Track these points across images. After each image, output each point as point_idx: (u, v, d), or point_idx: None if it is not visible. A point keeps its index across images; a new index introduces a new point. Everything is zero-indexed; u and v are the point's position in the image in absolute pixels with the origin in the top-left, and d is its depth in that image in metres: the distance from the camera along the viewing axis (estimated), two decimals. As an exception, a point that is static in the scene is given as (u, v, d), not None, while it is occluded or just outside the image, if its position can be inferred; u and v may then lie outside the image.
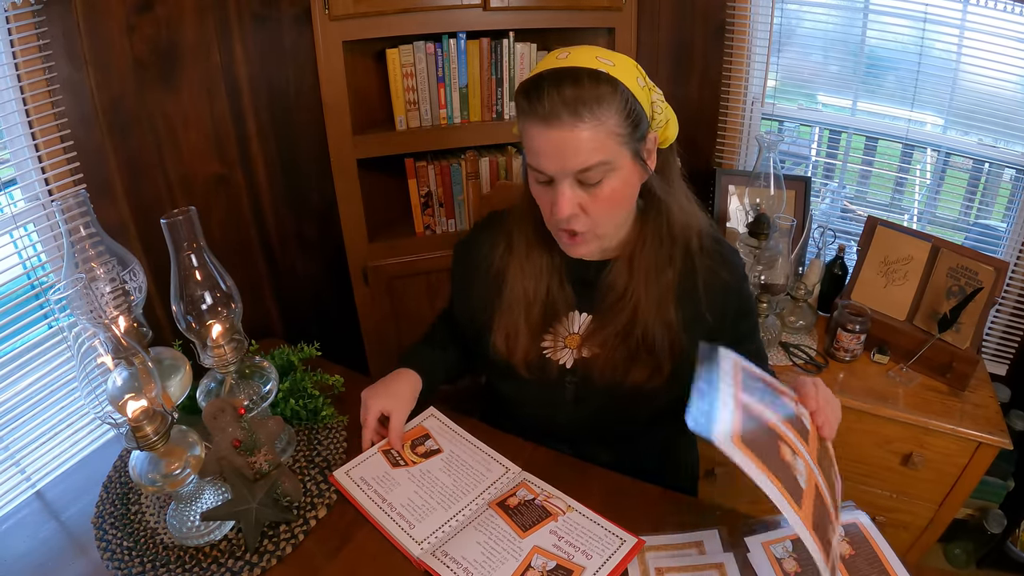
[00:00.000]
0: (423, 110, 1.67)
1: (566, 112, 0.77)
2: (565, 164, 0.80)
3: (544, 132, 0.78)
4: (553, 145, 0.79)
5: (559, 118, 0.77)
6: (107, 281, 0.90)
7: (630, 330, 0.92)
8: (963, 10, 1.57)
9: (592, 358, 0.95)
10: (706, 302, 0.93)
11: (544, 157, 0.80)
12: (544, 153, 0.80)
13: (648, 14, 1.80)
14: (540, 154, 0.81)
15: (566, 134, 0.77)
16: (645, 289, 0.91)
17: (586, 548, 0.82)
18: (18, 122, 1.31)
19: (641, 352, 0.92)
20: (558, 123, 0.77)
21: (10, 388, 1.34)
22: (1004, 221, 1.74)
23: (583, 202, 0.83)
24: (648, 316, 0.91)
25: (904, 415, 1.39)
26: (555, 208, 0.82)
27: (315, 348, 1.17)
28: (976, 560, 1.78)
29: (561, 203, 0.81)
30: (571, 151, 0.78)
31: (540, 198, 0.87)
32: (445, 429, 1.05)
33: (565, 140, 0.78)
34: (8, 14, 1.24)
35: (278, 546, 0.85)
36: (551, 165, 0.80)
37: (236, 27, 1.62)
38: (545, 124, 0.78)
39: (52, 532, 0.92)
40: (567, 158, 0.79)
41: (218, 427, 0.87)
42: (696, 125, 1.94)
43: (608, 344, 0.93)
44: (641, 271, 0.91)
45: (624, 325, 0.92)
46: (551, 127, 0.78)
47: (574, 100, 0.77)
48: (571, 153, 0.79)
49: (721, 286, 0.94)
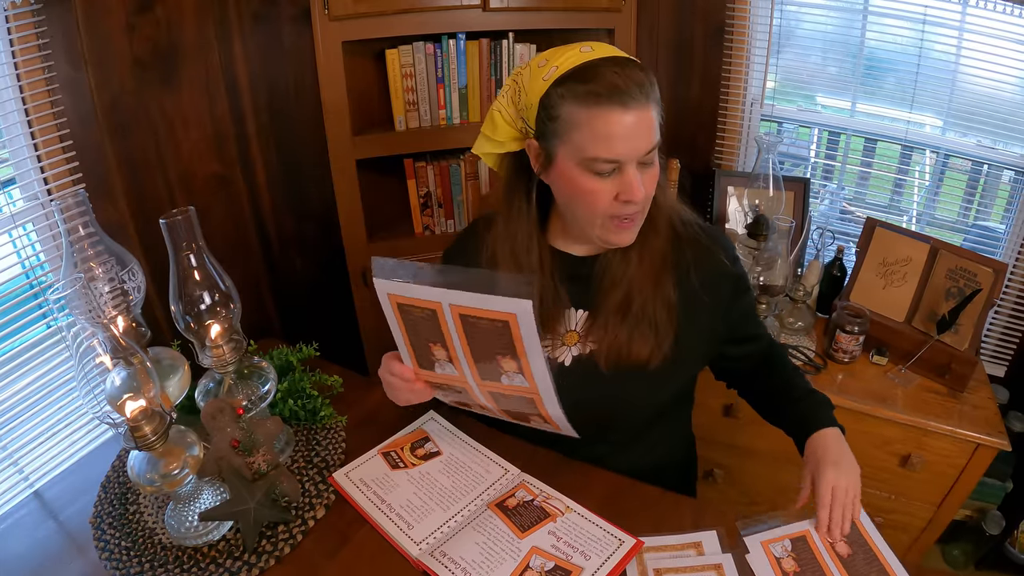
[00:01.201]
0: (422, 111, 1.67)
1: (640, 93, 0.78)
2: (639, 145, 0.80)
3: (622, 115, 0.78)
4: (630, 127, 0.79)
5: (635, 99, 0.78)
6: (106, 281, 0.90)
7: (627, 306, 0.92)
8: (962, 12, 1.57)
9: (593, 352, 0.95)
10: (699, 281, 0.94)
11: (620, 141, 0.80)
12: (620, 137, 0.79)
13: (648, 15, 1.80)
14: (615, 138, 0.79)
15: (643, 115, 0.79)
16: (639, 269, 0.92)
17: (585, 549, 0.82)
18: (17, 121, 1.30)
19: (641, 325, 0.92)
20: (635, 104, 0.78)
21: (8, 388, 1.34)
22: (1003, 223, 1.75)
23: (643, 182, 0.84)
24: (645, 292, 0.92)
25: (903, 416, 1.40)
26: (629, 194, 0.82)
27: (314, 348, 1.17)
28: (975, 561, 1.78)
29: (636, 185, 0.82)
30: (645, 132, 0.80)
31: (598, 190, 0.84)
32: (444, 432, 1.05)
33: (642, 121, 0.79)
34: (8, 13, 1.24)
35: (276, 546, 0.85)
36: (626, 148, 0.80)
37: (236, 27, 1.62)
38: (623, 107, 0.78)
39: (50, 532, 0.92)
40: (642, 139, 0.80)
41: (217, 427, 0.87)
42: (695, 126, 1.94)
43: (608, 325, 0.93)
44: (634, 255, 0.92)
45: (620, 302, 0.92)
46: (629, 109, 0.78)
47: (642, 82, 0.79)
48: (645, 133, 0.80)
49: (715, 266, 0.95)
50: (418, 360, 0.87)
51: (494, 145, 0.92)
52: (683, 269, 0.94)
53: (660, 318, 0.92)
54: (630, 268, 0.92)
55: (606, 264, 0.94)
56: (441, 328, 0.78)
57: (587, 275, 0.95)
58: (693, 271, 0.94)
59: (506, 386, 0.82)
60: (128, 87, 1.48)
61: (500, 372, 0.80)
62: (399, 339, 0.86)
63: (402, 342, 0.86)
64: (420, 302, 0.78)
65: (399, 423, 1.07)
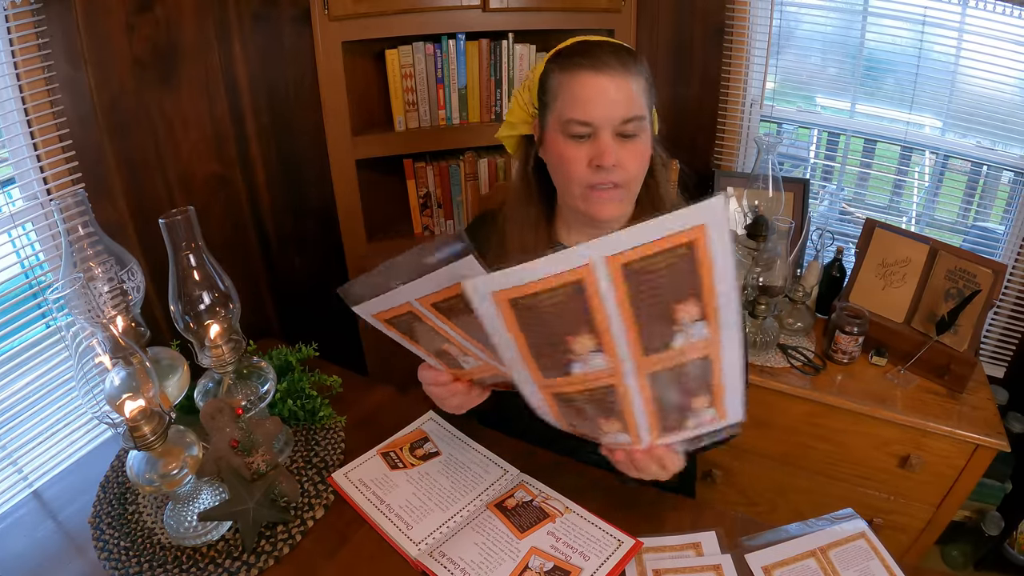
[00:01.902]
0: (422, 111, 1.67)
1: (616, 61, 0.83)
2: (612, 111, 0.83)
3: (594, 78, 0.83)
4: (602, 91, 0.83)
5: (609, 65, 0.83)
6: (105, 281, 0.90)
7: None
8: (962, 13, 1.57)
9: None
10: None
11: (591, 104, 0.83)
12: (591, 100, 0.83)
13: (647, 16, 1.80)
14: (587, 101, 0.83)
15: (617, 81, 0.83)
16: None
17: (584, 549, 0.82)
18: (17, 121, 1.30)
19: None
20: (608, 70, 0.82)
21: (8, 387, 1.34)
22: (1002, 223, 1.75)
23: (621, 155, 0.86)
24: None
25: (902, 417, 1.40)
26: (600, 158, 0.84)
27: (313, 348, 1.17)
28: (974, 562, 1.78)
29: (606, 151, 0.84)
30: (619, 99, 0.83)
31: (573, 156, 0.87)
32: (444, 432, 1.05)
33: (616, 86, 0.83)
34: (7, 13, 1.24)
35: (275, 547, 0.84)
36: (597, 112, 0.83)
37: (236, 27, 1.62)
38: (595, 71, 0.83)
39: (49, 532, 0.92)
40: (615, 105, 0.83)
41: (216, 427, 0.87)
42: (695, 127, 1.94)
43: None
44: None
45: None
46: (601, 73, 0.82)
47: (620, 56, 0.84)
48: (619, 100, 0.83)
49: None
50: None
51: (509, 128, 0.97)
52: None
53: None
54: None
55: None
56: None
57: None
58: None
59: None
60: (128, 87, 1.48)
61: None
62: (414, 350, 0.79)
63: (420, 352, 0.79)
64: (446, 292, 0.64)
65: (398, 423, 1.07)
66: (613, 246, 0.54)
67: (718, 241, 0.54)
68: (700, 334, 0.59)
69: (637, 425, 0.68)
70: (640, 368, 0.62)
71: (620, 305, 0.57)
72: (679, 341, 0.60)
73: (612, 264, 0.55)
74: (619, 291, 0.56)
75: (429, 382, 0.84)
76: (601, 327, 0.59)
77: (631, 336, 0.59)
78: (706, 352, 0.61)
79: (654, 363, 0.62)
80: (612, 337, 0.59)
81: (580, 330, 0.59)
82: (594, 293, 0.56)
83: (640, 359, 0.61)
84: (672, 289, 0.57)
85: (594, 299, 0.57)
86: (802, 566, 0.81)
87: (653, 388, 0.64)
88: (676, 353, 0.61)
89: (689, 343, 0.60)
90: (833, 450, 1.52)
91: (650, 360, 0.62)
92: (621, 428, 0.68)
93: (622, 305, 0.57)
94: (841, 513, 0.89)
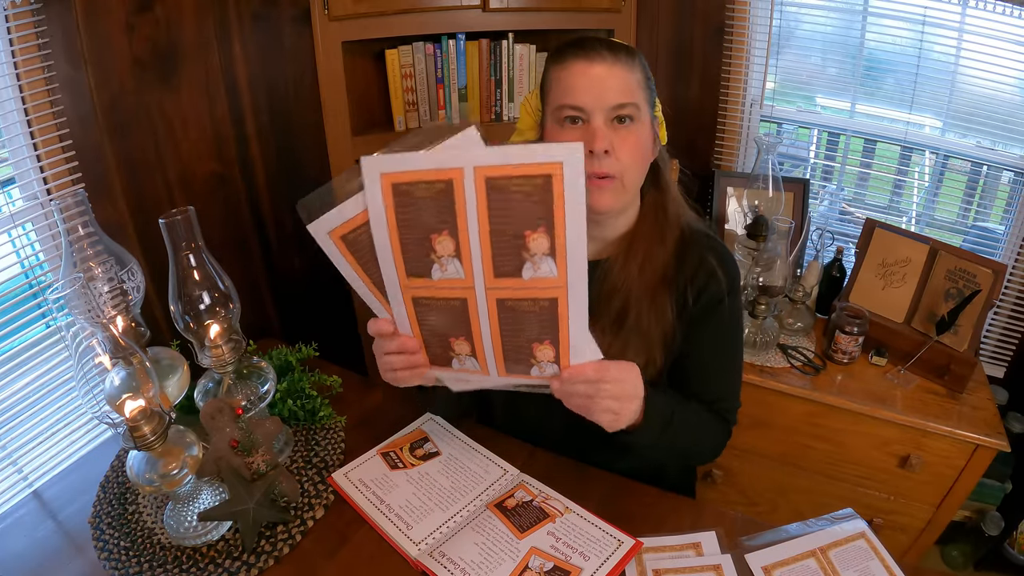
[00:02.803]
0: (422, 111, 1.67)
1: (607, 51, 0.85)
2: (603, 97, 0.84)
3: (586, 66, 0.85)
4: (593, 77, 0.84)
5: (600, 54, 0.85)
6: (105, 280, 0.90)
7: (623, 318, 0.92)
8: (962, 13, 1.57)
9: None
10: (693, 300, 0.93)
11: (582, 91, 0.85)
12: (582, 87, 0.85)
13: (647, 16, 1.80)
14: (579, 88, 0.85)
15: (608, 68, 0.85)
16: (640, 280, 0.92)
17: (584, 549, 0.82)
18: (17, 121, 1.30)
19: (635, 338, 0.92)
20: (599, 58, 0.85)
21: (7, 387, 1.34)
22: (1002, 224, 1.75)
23: (614, 143, 0.86)
24: (642, 304, 0.92)
25: (902, 417, 1.40)
26: (591, 143, 0.84)
27: (313, 348, 1.17)
28: (974, 562, 1.78)
29: (598, 135, 0.84)
30: (610, 85, 0.85)
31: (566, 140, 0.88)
32: (444, 432, 1.05)
33: (607, 73, 0.84)
34: (7, 13, 1.24)
35: (275, 547, 0.84)
36: (588, 98, 0.84)
37: (236, 27, 1.62)
38: (587, 59, 0.85)
39: (49, 532, 0.92)
40: (606, 91, 0.84)
41: (216, 427, 0.87)
42: (695, 127, 1.94)
43: (604, 335, 0.93)
44: (636, 265, 0.92)
45: (617, 313, 0.92)
46: (593, 61, 0.85)
47: (614, 46, 0.86)
48: (610, 87, 0.85)
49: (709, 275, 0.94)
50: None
51: (519, 135, 0.99)
52: (681, 287, 0.94)
53: (654, 332, 0.92)
54: (630, 278, 0.92)
55: (607, 270, 0.94)
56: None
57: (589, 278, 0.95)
58: (690, 291, 0.93)
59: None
60: (128, 87, 1.48)
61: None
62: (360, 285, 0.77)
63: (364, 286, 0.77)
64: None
65: (398, 423, 1.07)
66: (483, 159, 0.63)
67: (572, 184, 0.62)
68: (548, 270, 0.66)
69: (484, 350, 0.73)
70: (490, 290, 0.69)
71: (480, 214, 0.65)
72: (528, 272, 0.67)
73: (479, 174, 0.63)
74: (480, 201, 0.64)
75: (373, 332, 0.83)
76: (461, 228, 0.66)
77: (484, 251, 0.67)
78: (554, 294, 0.68)
79: (503, 287, 0.69)
80: (469, 246, 0.67)
81: (443, 229, 0.67)
82: (460, 195, 0.64)
83: (491, 279, 0.68)
84: (526, 213, 0.64)
85: (459, 201, 0.65)
86: (802, 566, 0.81)
87: (501, 317, 0.70)
88: (525, 284, 0.68)
89: (537, 277, 0.67)
90: (833, 450, 1.52)
91: (500, 283, 0.68)
92: (470, 351, 0.74)
93: (481, 215, 0.65)
94: (841, 513, 0.89)
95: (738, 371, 1.02)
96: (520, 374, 0.75)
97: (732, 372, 1.01)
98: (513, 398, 1.07)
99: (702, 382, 0.98)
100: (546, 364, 0.73)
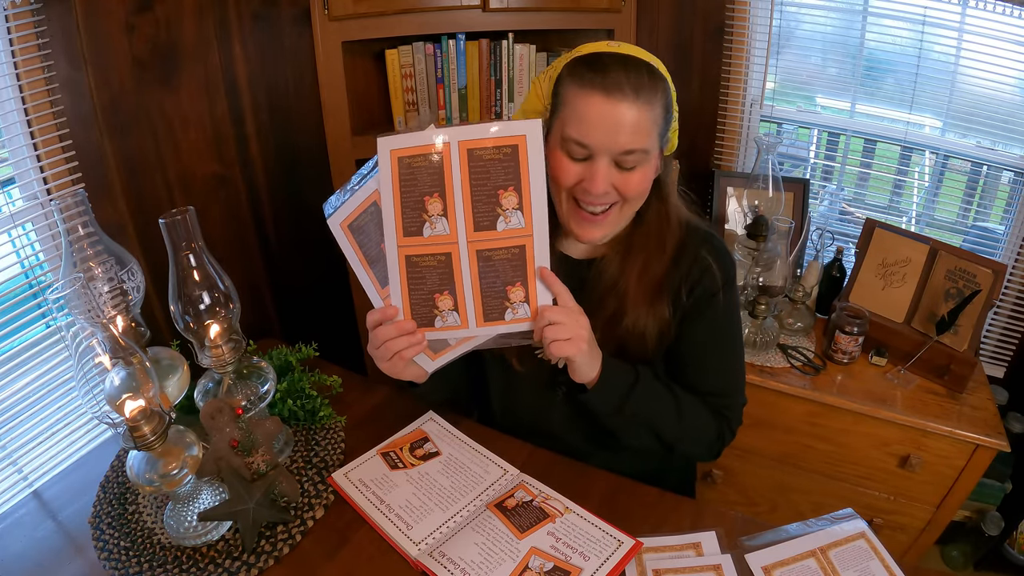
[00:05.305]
0: (422, 111, 1.67)
1: (630, 89, 0.79)
2: (615, 140, 0.80)
3: (603, 103, 0.79)
4: (607, 117, 0.79)
5: (622, 92, 0.79)
6: (105, 280, 0.90)
7: (619, 319, 0.92)
8: (962, 13, 1.57)
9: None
10: (686, 297, 0.93)
11: (594, 128, 0.80)
12: (595, 124, 0.80)
13: (647, 16, 1.80)
14: (590, 124, 0.80)
15: (624, 110, 0.79)
16: (637, 282, 0.91)
17: (584, 549, 0.82)
18: (17, 121, 1.30)
19: (631, 339, 0.92)
20: (620, 96, 0.79)
21: (7, 387, 1.34)
22: (1002, 224, 1.75)
23: (615, 183, 0.84)
24: (639, 309, 0.91)
25: (902, 417, 1.40)
26: (589, 184, 0.82)
27: (313, 348, 1.17)
28: (974, 562, 1.78)
29: (598, 179, 0.82)
30: (624, 129, 0.80)
31: (566, 171, 0.85)
32: (444, 432, 1.05)
33: (622, 115, 0.79)
34: (7, 13, 1.23)
35: (275, 547, 0.84)
36: (598, 138, 0.80)
37: (236, 27, 1.62)
38: (606, 95, 0.79)
39: (49, 532, 0.92)
40: (618, 135, 0.80)
41: (216, 427, 0.87)
42: (695, 127, 1.94)
43: (599, 335, 0.92)
44: (634, 266, 0.92)
45: (612, 314, 0.92)
46: (611, 99, 0.79)
47: (638, 83, 0.80)
48: (623, 131, 0.80)
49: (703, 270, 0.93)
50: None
51: (523, 115, 0.94)
52: (676, 283, 0.93)
53: (650, 334, 0.92)
54: (625, 279, 0.92)
55: (602, 268, 0.94)
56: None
57: (582, 278, 0.95)
58: (684, 286, 0.93)
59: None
60: (128, 87, 1.47)
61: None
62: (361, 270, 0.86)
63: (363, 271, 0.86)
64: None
65: (398, 423, 1.07)
66: (464, 134, 0.79)
67: (534, 152, 0.78)
68: (518, 222, 0.81)
69: (465, 300, 0.83)
70: (471, 243, 0.82)
71: (463, 178, 0.80)
72: (501, 225, 0.81)
73: (462, 146, 0.79)
74: (463, 167, 0.79)
75: (371, 322, 0.85)
76: (448, 190, 0.80)
77: (466, 209, 0.81)
78: (522, 242, 0.81)
79: (482, 239, 0.82)
80: (454, 206, 0.81)
81: (434, 192, 0.80)
82: (448, 165, 0.80)
83: (472, 233, 0.81)
84: (500, 175, 0.79)
85: (447, 168, 0.80)
86: (802, 566, 0.81)
87: (480, 266, 0.82)
88: (499, 235, 0.81)
89: (509, 228, 0.81)
90: (833, 450, 1.52)
91: (479, 236, 0.81)
92: (452, 306, 0.84)
93: (464, 179, 0.80)
94: (841, 513, 0.89)
95: (737, 368, 1.01)
96: (496, 320, 0.84)
97: (729, 367, 1.00)
98: (511, 396, 1.07)
99: (697, 376, 0.97)
100: (518, 305, 0.83)
